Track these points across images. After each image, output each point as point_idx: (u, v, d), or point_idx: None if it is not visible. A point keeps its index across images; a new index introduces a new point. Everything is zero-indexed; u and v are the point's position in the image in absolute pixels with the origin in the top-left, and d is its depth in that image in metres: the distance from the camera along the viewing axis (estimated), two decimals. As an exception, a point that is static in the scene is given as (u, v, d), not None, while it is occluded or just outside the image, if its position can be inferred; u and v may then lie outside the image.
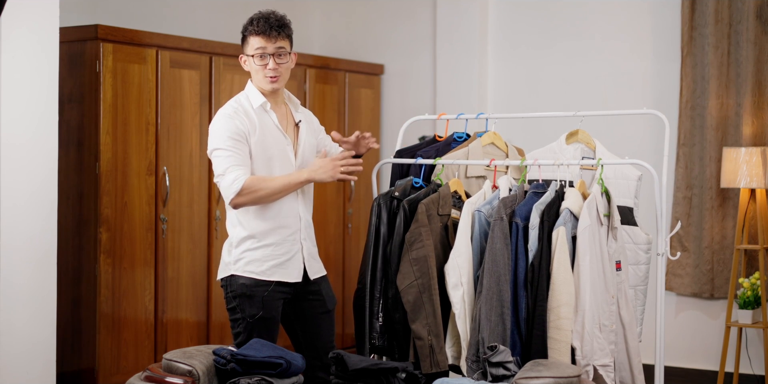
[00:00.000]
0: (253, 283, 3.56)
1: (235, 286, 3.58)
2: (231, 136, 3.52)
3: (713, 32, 5.67)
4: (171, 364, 3.24)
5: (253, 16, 3.62)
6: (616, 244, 3.68)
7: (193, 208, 5.32)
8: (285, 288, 3.62)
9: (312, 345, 3.71)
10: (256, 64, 3.61)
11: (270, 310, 3.58)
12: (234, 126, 3.54)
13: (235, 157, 3.51)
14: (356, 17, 6.99)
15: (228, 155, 3.51)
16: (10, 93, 4.31)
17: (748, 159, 5.29)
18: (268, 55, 3.59)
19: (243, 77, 5.57)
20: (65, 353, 4.90)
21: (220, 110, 3.63)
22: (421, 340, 3.62)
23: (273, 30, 3.59)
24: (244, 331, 3.57)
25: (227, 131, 3.53)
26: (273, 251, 3.59)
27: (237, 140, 3.52)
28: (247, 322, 3.56)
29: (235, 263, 3.59)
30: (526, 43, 6.40)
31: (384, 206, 3.81)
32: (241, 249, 3.60)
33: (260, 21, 3.59)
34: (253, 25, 3.60)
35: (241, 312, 3.57)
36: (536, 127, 5.82)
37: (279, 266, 3.60)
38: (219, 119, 3.58)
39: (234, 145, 3.52)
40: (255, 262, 3.58)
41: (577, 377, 3.17)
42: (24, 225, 4.38)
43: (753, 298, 5.35)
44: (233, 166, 3.49)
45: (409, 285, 3.64)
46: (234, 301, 3.58)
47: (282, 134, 3.64)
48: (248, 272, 3.57)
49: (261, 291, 3.57)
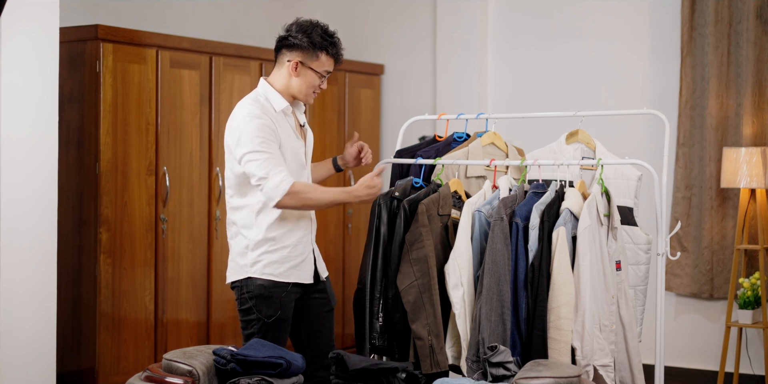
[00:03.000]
0: (272, 284, 3.55)
1: (252, 287, 3.56)
2: (266, 138, 3.46)
3: (713, 32, 5.67)
4: (171, 364, 3.24)
5: (324, 30, 3.59)
6: (616, 244, 3.68)
7: (193, 208, 5.32)
8: (299, 288, 3.63)
9: (314, 344, 3.71)
10: (314, 80, 3.60)
11: (286, 311, 3.59)
12: (265, 126, 3.48)
13: (275, 159, 3.46)
14: (356, 17, 6.99)
15: (266, 158, 3.45)
16: (10, 93, 4.31)
17: (748, 159, 5.29)
18: (326, 77, 3.64)
19: (243, 77, 5.57)
20: (65, 353, 4.90)
21: (242, 112, 3.53)
22: (421, 340, 3.62)
23: (342, 56, 3.65)
24: (258, 332, 3.56)
25: (261, 133, 3.46)
26: (290, 253, 3.59)
27: (271, 141, 3.48)
28: (264, 322, 3.55)
29: (252, 266, 3.57)
30: (526, 43, 6.40)
31: (384, 206, 3.81)
32: (259, 251, 3.57)
33: (338, 43, 3.62)
34: (334, 47, 3.60)
35: (258, 313, 3.55)
36: (536, 127, 5.81)
37: (295, 268, 3.60)
38: (248, 120, 3.49)
39: (270, 146, 3.46)
40: (273, 264, 3.56)
41: (577, 377, 3.17)
42: (24, 225, 4.38)
43: (753, 298, 5.35)
44: (275, 167, 3.45)
45: (410, 285, 3.64)
46: (249, 301, 3.57)
47: (297, 137, 3.65)
48: (267, 274, 3.56)
49: (279, 292, 3.56)
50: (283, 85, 3.61)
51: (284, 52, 3.61)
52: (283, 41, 3.61)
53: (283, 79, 3.61)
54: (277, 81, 3.63)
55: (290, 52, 3.59)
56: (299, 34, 3.57)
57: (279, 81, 3.62)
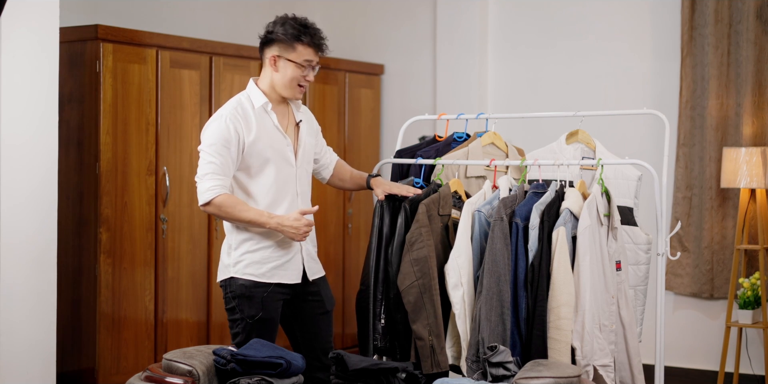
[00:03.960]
0: (252, 284, 3.56)
1: (235, 287, 3.57)
2: (220, 143, 3.49)
3: (713, 32, 5.67)
4: (171, 364, 3.24)
5: (297, 20, 3.57)
6: (616, 244, 3.68)
7: (193, 208, 5.32)
8: (284, 289, 3.62)
9: (310, 345, 3.70)
10: (297, 73, 3.58)
11: (269, 311, 3.58)
12: (226, 131, 3.50)
13: (216, 166, 3.49)
14: (356, 17, 6.99)
15: (210, 161, 3.49)
16: (10, 93, 4.31)
17: (748, 159, 5.29)
18: (311, 68, 3.60)
19: (243, 77, 5.57)
20: (65, 353, 4.90)
21: (219, 110, 3.60)
22: (422, 340, 3.62)
23: (323, 44, 3.61)
24: (242, 331, 3.56)
25: (218, 137, 3.50)
26: (273, 253, 3.59)
27: (225, 147, 3.50)
28: (246, 322, 3.56)
29: (235, 265, 3.59)
30: (526, 43, 6.40)
31: (386, 207, 3.82)
32: (240, 251, 3.59)
33: (315, 32, 3.58)
34: (308, 35, 3.56)
35: (240, 312, 3.56)
36: (536, 127, 5.81)
37: (278, 268, 3.60)
38: (214, 121, 3.55)
39: (220, 151, 3.49)
40: (254, 264, 3.57)
41: (577, 377, 3.17)
42: (24, 225, 4.38)
43: (753, 298, 5.35)
44: (212, 174, 3.48)
45: (410, 285, 3.64)
46: (233, 301, 3.58)
47: (282, 134, 3.62)
48: (248, 275, 3.57)
49: (260, 292, 3.56)
50: (267, 83, 3.63)
51: (265, 50, 3.63)
52: (262, 39, 3.64)
53: (267, 77, 3.63)
54: (262, 80, 3.65)
55: (269, 48, 3.61)
56: (274, 27, 3.60)
57: (263, 80, 3.65)
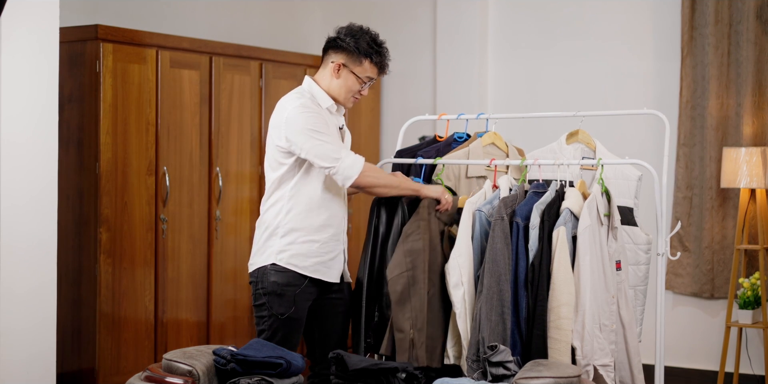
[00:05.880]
0: (287, 280, 3.55)
1: (266, 284, 3.56)
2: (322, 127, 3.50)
3: (713, 32, 5.67)
4: (171, 364, 3.24)
5: (371, 36, 3.60)
6: (616, 244, 3.68)
7: (193, 208, 5.32)
8: (314, 288, 3.63)
9: (325, 343, 3.71)
10: (356, 86, 3.62)
11: (299, 310, 3.59)
12: (321, 118, 3.53)
13: (339, 143, 3.52)
14: (356, 17, 6.96)
15: (331, 141, 3.50)
16: (10, 93, 4.30)
17: (748, 159, 5.29)
18: (368, 84, 3.64)
19: (243, 77, 5.57)
20: (65, 353, 4.90)
21: (294, 103, 3.55)
22: (401, 332, 3.60)
23: (387, 66, 3.66)
24: (268, 329, 3.56)
25: (319, 123, 3.50)
26: (318, 248, 3.60)
27: (328, 128, 3.53)
28: (276, 318, 3.54)
29: (279, 253, 3.56)
30: (526, 43, 6.40)
31: (383, 207, 3.82)
32: (287, 240, 3.57)
33: (385, 54, 3.63)
34: (379, 55, 3.61)
35: (269, 309, 3.56)
36: (536, 127, 5.81)
37: (322, 264, 3.61)
38: (302, 112, 3.52)
39: (327, 132, 3.51)
40: (300, 256, 3.57)
41: (577, 377, 3.17)
42: (24, 225, 4.38)
43: (753, 298, 5.35)
44: (343, 149, 3.52)
45: (399, 275, 3.63)
46: (263, 297, 3.57)
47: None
48: (291, 265, 3.56)
49: (292, 290, 3.56)
50: (325, 85, 3.65)
51: (330, 53, 3.65)
52: (331, 42, 3.65)
53: (326, 80, 3.65)
54: (321, 80, 3.67)
55: (336, 53, 3.62)
56: (347, 37, 3.61)
57: (323, 81, 3.66)
